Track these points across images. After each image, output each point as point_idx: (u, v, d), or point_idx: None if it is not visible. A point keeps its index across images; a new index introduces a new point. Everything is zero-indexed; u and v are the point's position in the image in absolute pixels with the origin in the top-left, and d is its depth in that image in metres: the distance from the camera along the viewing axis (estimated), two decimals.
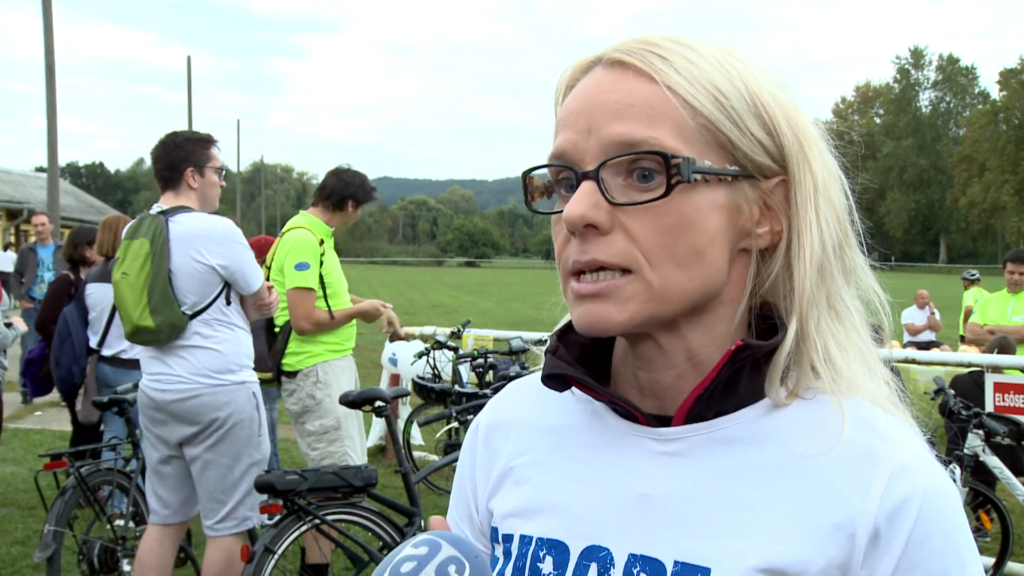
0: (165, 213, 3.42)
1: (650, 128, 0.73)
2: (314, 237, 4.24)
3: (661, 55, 0.75)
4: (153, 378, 3.44)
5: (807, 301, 0.77)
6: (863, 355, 0.79)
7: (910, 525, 0.73)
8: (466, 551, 0.70)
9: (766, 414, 0.79)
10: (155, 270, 3.32)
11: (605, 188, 0.74)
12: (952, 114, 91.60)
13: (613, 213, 0.74)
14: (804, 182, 0.77)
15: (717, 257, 0.75)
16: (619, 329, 0.75)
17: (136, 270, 3.32)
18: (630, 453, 0.81)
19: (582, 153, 0.75)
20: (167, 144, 3.52)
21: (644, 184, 0.73)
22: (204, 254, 3.37)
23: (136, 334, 3.37)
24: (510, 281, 49.89)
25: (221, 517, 3.45)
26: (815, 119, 0.81)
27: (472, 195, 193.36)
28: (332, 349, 4.28)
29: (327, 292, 4.26)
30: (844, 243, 0.79)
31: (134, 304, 3.31)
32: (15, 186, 29.40)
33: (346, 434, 4.18)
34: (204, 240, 3.38)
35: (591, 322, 0.75)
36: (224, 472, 3.44)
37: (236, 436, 3.44)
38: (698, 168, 0.73)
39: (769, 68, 0.79)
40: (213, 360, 3.41)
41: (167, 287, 3.33)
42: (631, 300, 0.74)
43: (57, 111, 15.84)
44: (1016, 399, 5.13)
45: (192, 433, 3.42)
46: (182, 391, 3.38)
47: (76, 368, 5.05)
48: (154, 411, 3.46)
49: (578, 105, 0.77)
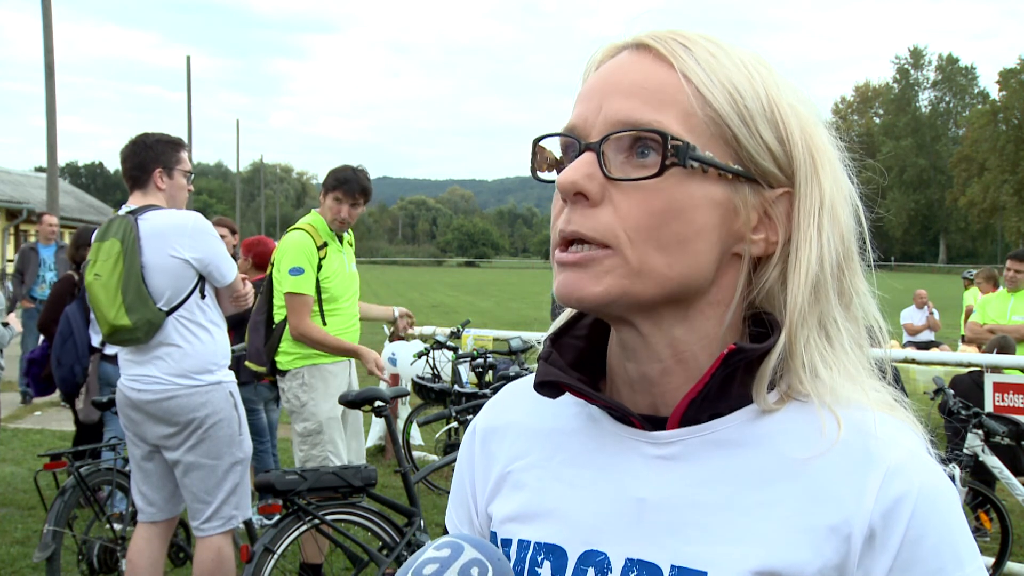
0: (133, 212, 3.42)
1: (657, 111, 0.73)
2: (311, 239, 4.14)
3: (685, 45, 0.76)
4: (131, 378, 3.44)
5: (798, 317, 0.76)
6: (852, 374, 0.78)
7: (905, 523, 0.73)
8: (488, 553, 0.70)
9: (759, 417, 0.78)
10: (127, 268, 3.31)
11: (604, 161, 0.74)
12: (951, 114, 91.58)
13: (606, 187, 0.74)
14: (810, 196, 0.76)
15: (702, 251, 0.75)
16: (594, 301, 0.75)
17: (108, 270, 3.32)
18: (626, 457, 0.81)
19: (590, 127, 0.76)
20: (137, 144, 3.51)
21: (641, 161, 0.73)
22: (177, 248, 3.36)
23: (114, 334, 3.36)
24: (509, 281, 49.90)
25: (207, 517, 3.45)
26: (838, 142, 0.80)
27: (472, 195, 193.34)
28: (323, 353, 4.19)
29: (322, 298, 4.16)
30: (845, 265, 0.78)
31: (109, 304, 3.31)
32: (14, 186, 29.36)
33: (328, 439, 4.13)
34: (176, 234, 3.38)
35: (568, 291, 0.75)
36: (207, 473, 3.43)
37: (216, 436, 3.42)
38: (697, 156, 0.73)
39: (798, 86, 0.79)
40: (190, 360, 3.40)
41: (140, 284, 3.32)
42: (608, 274, 0.74)
43: (57, 111, 15.83)
44: (1015, 399, 5.13)
45: (169, 434, 3.41)
46: (159, 391, 3.38)
47: (78, 367, 5.05)
48: (131, 410, 3.45)
49: (596, 83, 0.78)
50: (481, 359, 6.17)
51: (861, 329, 0.80)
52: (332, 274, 4.20)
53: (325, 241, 4.20)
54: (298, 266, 4.07)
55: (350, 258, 4.41)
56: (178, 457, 3.43)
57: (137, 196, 3.50)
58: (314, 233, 4.19)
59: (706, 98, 0.74)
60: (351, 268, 4.41)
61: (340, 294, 4.25)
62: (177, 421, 3.38)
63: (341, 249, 4.31)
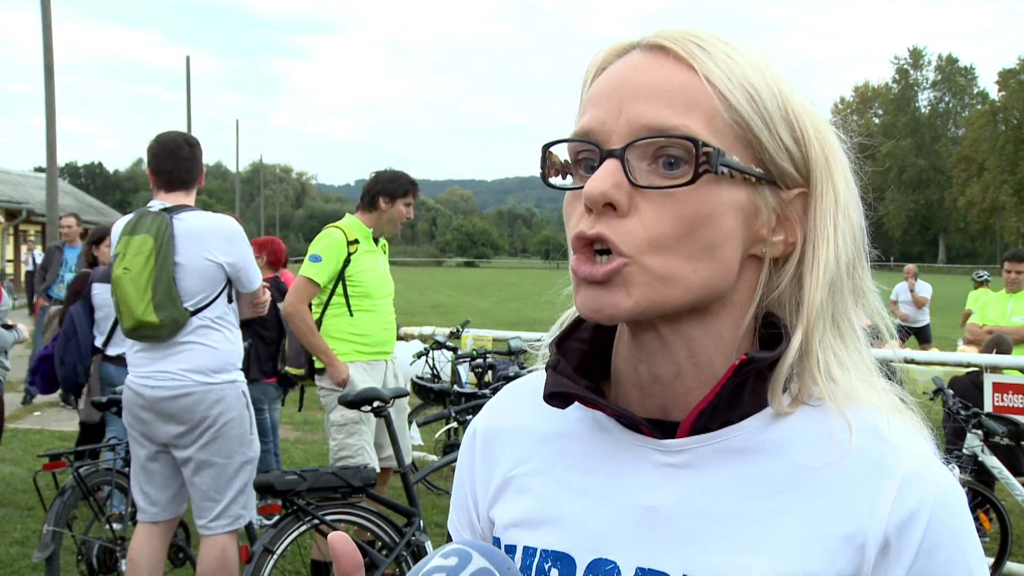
0: (168, 211, 3.43)
1: (683, 115, 0.72)
2: (343, 235, 4.28)
3: (702, 46, 0.74)
4: (143, 375, 3.43)
5: (815, 315, 0.75)
6: (863, 373, 0.78)
7: (920, 534, 0.72)
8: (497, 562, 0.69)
9: (771, 423, 0.78)
10: (159, 266, 3.33)
11: (629, 169, 0.72)
12: (951, 114, 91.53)
13: (632, 195, 0.72)
14: (826, 195, 0.76)
15: (727, 256, 0.74)
16: (625, 316, 0.73)
17: (139, 266, 3.33)
18: (635, 465, 0.80)
19: (609, 132, 0.73)
20: (194, 145, 3.56)
21: (669, 171, 0.72)
22: (213, 251, 3.40)
23: (137, 329, 3.36)
24: (509, 281, 49.86)
25: (215, 515, 3.46)
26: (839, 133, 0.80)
27: (471, 195, 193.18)
28: (359, 350, 4.32)
29: (349, 292, 4.28)
30: (857, 263, 0.78)
31: (137, 299, 3.31)
32: (14, 186, 29.36)
33: (367, 429, 4.23)
34: (213, 237, 3.42)
35: (597, 308, 0.73)
36: (218, 471, 3.44)
37: (228, 435, 3.44)
38: (726, 162, 0.72)
39: (805, 87, 0.79)
40: (208, 359, 3.41)
41: (171, 283, 3.34)
42: (636, 286, 0.72)
43: (56, 111, 15.83)
44: (1015, 399, 5.13)
45: (182, 432, 3.41)
46: (175, 388, 3.38)
47: (81, 367, 5.07)
48: (142, 410, 3.44)
49: (611, 85, 0.75)
50: (480, 359, 6.18)
51: (866, 330, 0.81)
52: (365, 270, 4.32)
53: (356, 239, 4.32)
54: (318, 255, 4.23)
55: (385, 261, 4.55)
56: (190, 455, 3.43)
57: (178, 195, 3.51)
58: (347, 230, 4.32)
59: (729, 100, 0.72)
60: (387, 269, 4.54)
61: (374, 292, 4.36)
62: (192, 418, 3.39)
63: (375, 250, 4.43)
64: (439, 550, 0.70)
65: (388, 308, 4.48)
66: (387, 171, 4.53)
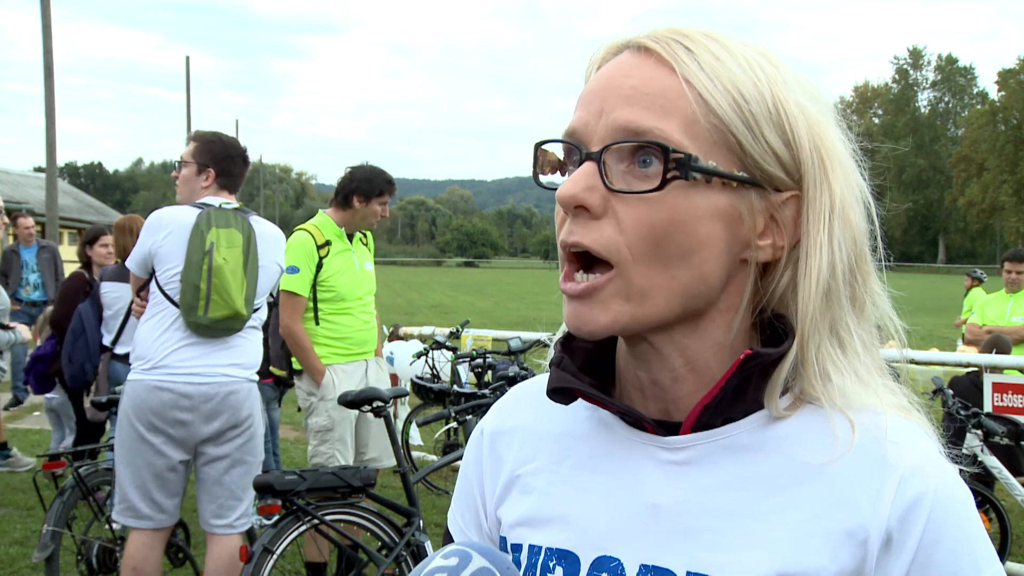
0: (242, 211, 3.52)
1: (659, 119, 0.71)
2: (311, 239, 4.14)
3: (688, 47, 0.73)
4: (188, 371, 3.34)
5: (809, 325, 0.74)
6: (863, 379, 0.77)
7: (922, 526, 0.72)
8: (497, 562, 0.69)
9: (773, 421, 0.78)
10: (250, 263, 3.43)
11: (605, 172, 0.72)
12: (951, 114, 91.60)
13: (608, 198, 0.72)
14: (819, 200, 0.74)
15: (707, 260, 0.73)
16: (603, 331, 0.74)
17: (236, 259, 3.40)
18: (638, 462, 0.80)
19: (591, 134, 0.74)
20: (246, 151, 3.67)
21: (644, 169, 0.71)
22: (278, 258, 3.61)
23: (225, 320, 3.35)
24: (509, 281, 49.86)
25: (240, 514, 3.50)
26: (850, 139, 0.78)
27: (471, 195, 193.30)
28: (336, 352, 4.23)
29: (319, 298, 4.15)
30: (857, 269, 0.76)
31: (237, 290, 3.37)
32: (13, 186, 29.35)
33: (338, 436, 4.15)
34: (278, 244, 3.62)
35: (578, 323, 0.75)
36: (247, 470, 3.50)
37: (257, 434, 3.54)
38: (699, 167, 0.71)
39: (809, 79, 0.77)
40: (247, 356, 3.49)
41: (255, 281, 3.45)
42: (612, 300, 0.73)
43: (56, 111, 15.83)
44: (1014, 399, 5.13)
45: (221, 429, 3.40)
46: (226, 383, 3.40)
47: (89, 365, 5.08)
48: (182, 411, 3.33)
49: (596, 86, 0.76)
50: (480, 359, 6.17)
51: (874, 332, 0.79)
52: (336, 273, 4.18)
53: (328, 240, 4.19)
54: (293, 265, 4.09)
55: (363, 256, 4.39)
56: (226, 452, 3.44)
57: (232, 198, 3.58)
58: (316, 233, 4.18)
59: (709, 104, 0.71)
60: (364, 267, 4.37)
61: (348, 294, 4.22)
62: (237, 416, 3.43)
63: (350, 248, 4.28)
64: (440, 551, 0.70)
65: (366, 309, 4.34)
66: (363, 168, 4.31)
